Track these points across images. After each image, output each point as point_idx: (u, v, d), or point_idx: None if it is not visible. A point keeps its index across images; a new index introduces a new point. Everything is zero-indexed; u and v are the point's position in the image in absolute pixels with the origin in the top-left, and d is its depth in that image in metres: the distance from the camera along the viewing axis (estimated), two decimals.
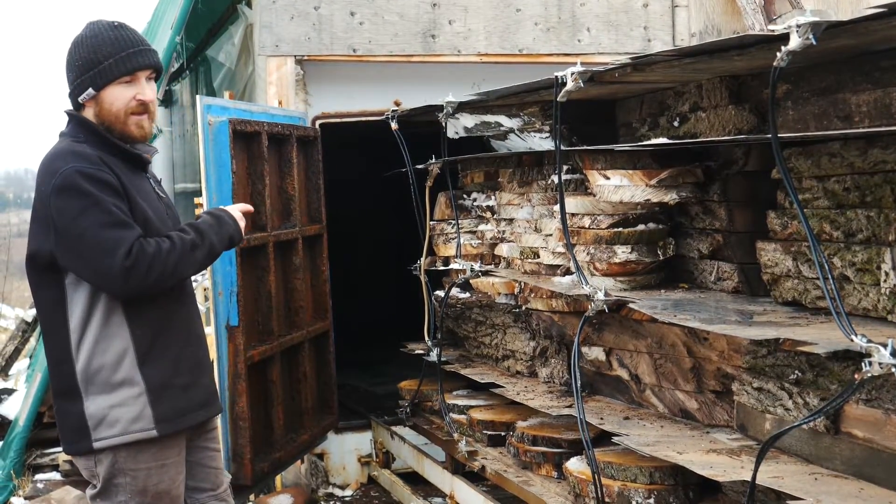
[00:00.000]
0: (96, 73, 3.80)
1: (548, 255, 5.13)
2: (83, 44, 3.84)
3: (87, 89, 3.82)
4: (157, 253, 3.66)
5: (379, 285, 12.66)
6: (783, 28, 3.02)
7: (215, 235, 3.94)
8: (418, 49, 7.77)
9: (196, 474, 4.16)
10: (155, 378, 3.81)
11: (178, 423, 3.89)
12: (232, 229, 4.05)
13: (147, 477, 3.84)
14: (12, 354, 11.83)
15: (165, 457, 3.88)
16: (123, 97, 3.83)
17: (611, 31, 8.23)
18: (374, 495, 7.39)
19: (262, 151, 6.13)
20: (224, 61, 8.54)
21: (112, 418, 3.78)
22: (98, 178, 3.67)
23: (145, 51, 3.89)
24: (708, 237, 4.56)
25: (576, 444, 4.80)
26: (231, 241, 4.05)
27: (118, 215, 3.65)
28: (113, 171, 3.74)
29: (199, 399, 4.00)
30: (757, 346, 3.91)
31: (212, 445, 4.23)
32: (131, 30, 3.92)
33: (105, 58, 3.80)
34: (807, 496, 3.28)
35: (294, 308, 6.68)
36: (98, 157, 3.74)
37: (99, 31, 3.86)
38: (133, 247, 3.61)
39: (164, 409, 3.83)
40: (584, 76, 4.17)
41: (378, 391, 9.34)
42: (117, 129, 3.85)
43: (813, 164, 3.76)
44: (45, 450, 8.33)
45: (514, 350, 5.88)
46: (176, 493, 3.95)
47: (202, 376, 4.05)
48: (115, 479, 3.82)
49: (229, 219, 4.07)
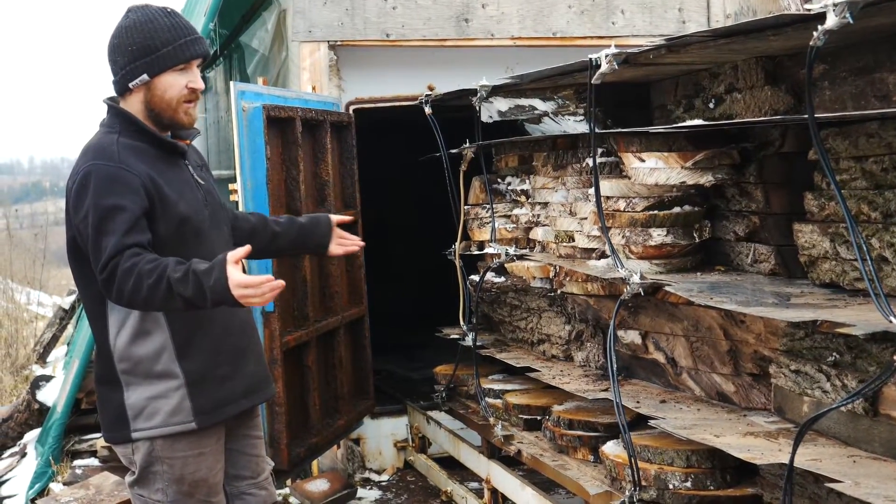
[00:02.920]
0: (154, 59, 3.74)
1: (583, 239, 5.11)
2: (137, 29, 3.75)
3: (140, 75, 3.76)
4: (126, 275, 3.51)
5: (415, 269, 12.65)
6: (819, 7, 3.00)
7: (193, 291, 3.55)
8: (451, 33, 7.74)
9: (236, 462, 4.16)
10: (193, 371, 3.81)
11: (218, 415, 3.89)
12: (216, 296, 3.53)
13: (184, 465, 3.84)
14: (50, 342, 11.92)
15: (203, 445, 3.88)
16: (177, 85, 3.79)
17: (645, 13, 8.18)
18: (410, 480, 7.39)
19: (297, 137, 6.13)
20: (257, 47, 8.54)
21: (151, 410, 3.79)
22: (113, 174, 3.64)
23: (199, 39, 3.85)
24: (744, 219, 4.53)
25: (612, 427, 4.79)
26: (206, 302, 3.56)
27: (115, 222, 3.57)
28: (140, 165, 3.70)
29: (240, 388, 3.98)
30: (794, 329, 3.88)
31: (253, 433, 4.22)
32: (182, 17, 3.86)
33: (163, 44, 3.73)
34: (845, 479, 3.26)
35: (329, 293, 6.69)
36: (127, 149, 3.72)
37: (153, 16, 3.78)
38: (110, 263, 3.53)
39: (203, 401, 3.82)
40: (618, 58, 4.15)
41: (414, 376, 9.33)
42: (167, 115, 3.82)
43: (850, 144, 3.72)
44: (83, 436, 8.36)
45: (549, 334, 5.87)
46: (213, 481, 3.95)
47: (245, 365, 4.01)
48: (152, 466, 3.84)
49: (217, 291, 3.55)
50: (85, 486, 6.52)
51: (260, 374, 4.13)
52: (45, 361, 11.69)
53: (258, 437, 4.27)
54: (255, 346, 4.13)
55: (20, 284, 16.63)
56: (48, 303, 16.45)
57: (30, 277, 16.59)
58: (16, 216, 19.34)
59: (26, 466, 7.91)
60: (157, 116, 3.83)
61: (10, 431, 8.85)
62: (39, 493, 7.37)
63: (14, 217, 18.74)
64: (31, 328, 14.04)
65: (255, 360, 4.10)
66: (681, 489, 4.14)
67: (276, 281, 3.52)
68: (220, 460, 4.00)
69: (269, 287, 3.49)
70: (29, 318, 14.76)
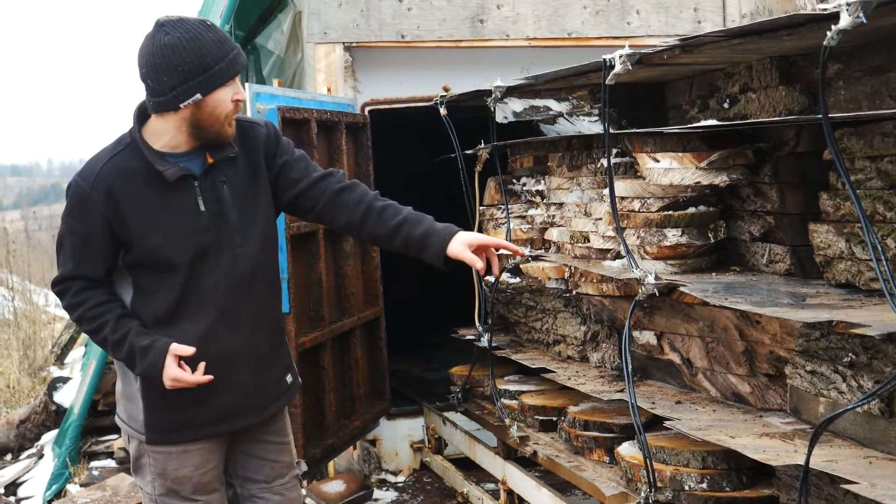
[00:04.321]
0: (207, 77, 3.63)
1: (598, 239, 5.11)
2: (185, 47, 3.60)
3: (194, 94, 3.63)
4: (71, 309, 3.83)
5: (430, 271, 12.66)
6: (833, 7, 2.99)
7: (126, 359, 3.77)
8: (466, 34, 7.75)
9: (247, 465, 4.13)
10: (153, 391, 3.80)
11: (174, 437, 3.85)
12: (145, 374, 3.76)
13: (167, 461, 3.86)
14: (67, 343, 11.96)
15: (187, 444, 3.89)
16: (226, 100, 3.71)
17: (660, 13, 8.17)
18: (426, 481, 7.40)
19: (312, 138, 6.14)
20: (273, 49, 8.56)
21: (123, 406, 3.98)
22: (80, 196, 3.72)
23: (240, 51, 3.77)
24: (759, 219, 4.52)
25: (627, 428, 4.79)
26: (136, 371, 3.78)
27: (71, 246, 3.78)
28: (116, 190, 3.69)
29: (208, 417, 3.87)
30: (810, 329, 3.87)
31: (271, 438, 4.14)
32: (221, 30, 3.76)
33: (215, 62, 3.63)
34: (861, 480, 3.25)
35: (345, 294, 6.70)
36: (114, 170, 3.71)
37: (197, 33, 3.64)
38: (62, 285, 3.82)
39: (157, 420, 3.84)
40: (632, 59, 4.14)
41: (430, 377, 9.35)
42: (214, 131, 3.74)
43: (865, 144, 3.71)
44: (99, 437, 8.41)
45: (564, 335, 5.86)
46: (202, 480, 3.92)
47: (219, 396, 3.87)
48: (141, 458, 3.93)
49: (147, 372, 3.74)
50: (102, 488, 6.54)
51: (237, 404, 3.95)
52: (62, 363, 11.73)
53: (277, 442, 4.17)
54: (236, 377, 3.92)
55: (38, 286, 16.68)
56: None
57: (48, 279, 16.58)
58: (34, 218, 19.40)
59: (43, 468, 7.94)
60: (203, 132, 3.74)
61: (27, 433, 8.89)
62: (56, 494, 7.40)
63: (32, 218, 18.79)
64: (49, 330, 14.08)
65: (232, 392, 3.92)
66: (696, 490, 4.14)
67: (206, 376, 3.72)
68: (211, 459, 3.95)
69: (199, 382, 3.72)
70: (47, 320, 14.81)
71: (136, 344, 3.66)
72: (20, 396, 10.92)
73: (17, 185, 64.23)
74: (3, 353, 12.15)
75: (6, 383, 11.29)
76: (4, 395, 10.94)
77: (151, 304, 3.79)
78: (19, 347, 12.11)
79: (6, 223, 16.55)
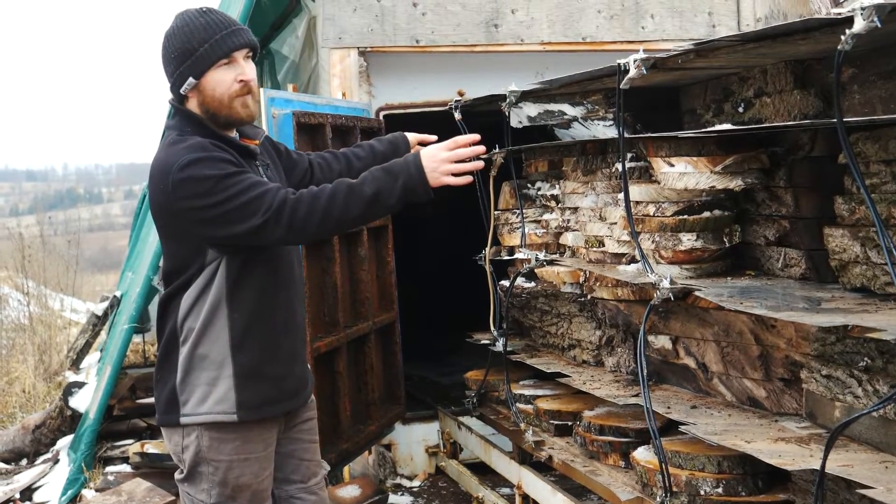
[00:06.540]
0: (193, 60, 3.74)
1: (613, 244, 5.11)
2: (175, 35, 3.77)
3: (187, 79, 3.76)
4: (297, 203, 3.67)
5: (446, 275, 12.67)
6: (847, 11, 2.99)
7: (384, 184, 3.74)
8: (481, 39, 7.76)
9: (285, 466, 4.16)
10: (245, 364, 3.82)
11: (262, 412, 3.89)
12: (409, 182, 3.78)
13: (228, 469, 3.86)
14: (83, 348, 11.97)
15: (249, 451, 3.89)
16: (225, 80, 3.77)
17: (675, 18, 8.17)
18: (441, 486, 7.40)
19: (327, 143, 6.14)
20: (288, 54, 8.58)
21: (200, 396, 3.83)
22: (214, 157, 3.67)
23: (238, 30, 3.81)
24: (774, 223, 4.52)
25: (643, 433, 4.78)
26: (408, 193, 3.79)
27: (246, 182, 3.66)
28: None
29: (288, 389, 4.00)
30: (825, 333, 3.86)
31: (306, 437, 4.22)
32: (220, 13, 3.84)
33: (199, 44, 3.72)
34: (877, 485, 3.24)
35: (360, 299, 6.70)
36: (209, 142, 3.74)
37: (188, 19, 3.78)
38: (276, 200, 3.65)
39: (248, 395, 3.83)
40: (646, 63, 4.14)
41: (445, 381, 9.35)
42: (223, 114, 3.81)
43: (880, 147, 3.70)
44: (115, 442, 8.42)
45: (579, 339, 5.86)
46: (259, 487, 3.95)
47: (296, 367, 4.05)
48: (198, 466, 3.88)
49: (409, 169, 3.80)
50: (117, 493, 6.56)
51: (306, 376, 4.17)
52: (78, 368, 11.74)
53: (311, 441, 4.27)
54: (304, 349, 4.16)
55: (54, 291, 16.71)
56: (81, 309, 16.53)
57: (63, 284, 16.66)
58: (49, 223, 19.41)
59: (59, 473, 7.95)
60: (215, 117, 3.82)
61: (42, 438, 8.91)
62: (72, 499, 7.41)
63: (48, 223, 18.81)
64: (65, 334, 14.12)
65: (302, 363, 4.13)
66: (712, 495, 4.13)
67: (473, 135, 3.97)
68: (268, 468, 4.00)
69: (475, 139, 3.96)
70: (62, 325, 14.85)
71: (386, 175, 3.77)
72: (36, 401, 10.94)
73: (32, 189, 64.53)
74: (19, 358, 12.17)
75: (22, 388, 11.31)
76: (20, 400, 10.96)
77: (257, 273, 3.85)
78: (35, 352, 12.12)
79: (22, 228, 16.55)
